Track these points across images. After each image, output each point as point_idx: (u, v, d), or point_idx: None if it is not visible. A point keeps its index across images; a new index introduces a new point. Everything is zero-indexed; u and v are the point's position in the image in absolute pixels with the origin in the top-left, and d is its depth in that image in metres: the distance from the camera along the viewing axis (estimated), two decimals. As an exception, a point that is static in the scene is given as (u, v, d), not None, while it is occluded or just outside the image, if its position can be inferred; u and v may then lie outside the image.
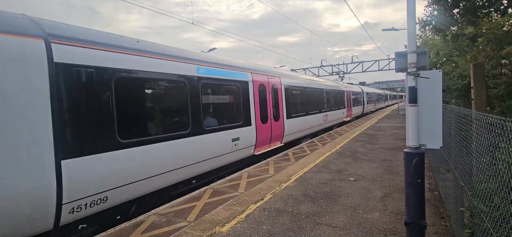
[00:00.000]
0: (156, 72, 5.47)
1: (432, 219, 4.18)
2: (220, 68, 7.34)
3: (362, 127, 17.07)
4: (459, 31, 8.14)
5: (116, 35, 5.25)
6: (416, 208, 3.17)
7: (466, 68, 7.93)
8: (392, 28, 20.34)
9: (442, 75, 3.12)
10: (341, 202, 5.03)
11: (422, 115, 3.12)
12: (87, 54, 4.32)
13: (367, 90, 32.07)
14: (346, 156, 8.80)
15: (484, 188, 2.43)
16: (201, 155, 6.34)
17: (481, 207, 2.38)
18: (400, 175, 6.53)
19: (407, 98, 3.19)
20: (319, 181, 6.28)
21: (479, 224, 2.50)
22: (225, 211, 4.78)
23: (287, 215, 4.53)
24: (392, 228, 4.00)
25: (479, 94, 3.93)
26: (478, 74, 3.95)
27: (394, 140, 11.80)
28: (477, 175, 2.80)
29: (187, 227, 4.23)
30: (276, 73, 10.89)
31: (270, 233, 3.98)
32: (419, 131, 3.12)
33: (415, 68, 3.03)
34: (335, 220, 4.32)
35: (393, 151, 9.46)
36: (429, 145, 3.14)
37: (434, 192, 5.47)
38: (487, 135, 2.36)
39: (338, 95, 18.83)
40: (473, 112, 2.51)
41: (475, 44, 8.20)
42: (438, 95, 3.06)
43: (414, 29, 3.12)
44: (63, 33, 4.18)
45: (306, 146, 10.92)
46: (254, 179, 6.62)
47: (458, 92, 7.98)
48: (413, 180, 3.14)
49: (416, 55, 3.03)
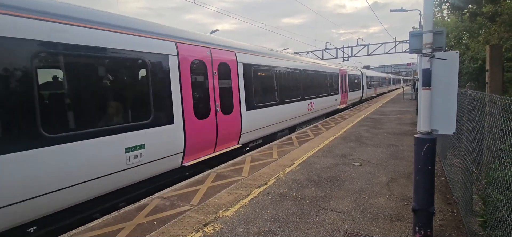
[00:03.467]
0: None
1: (439, 205, 4.11)
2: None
3: (366, 111, 16.87)
4: (478, 9, 7.77)
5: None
6: (425, 195, 3.08)
7: (478, 51, 7.64)
8: (401, 9, 19.68)
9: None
10: (346, 187, 4.97)
11: (436, 99, 2.97)
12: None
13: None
14: (351, 141, 8.70)
15: (500, 175, 2.32)
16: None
17: (497, 195, 2.28)
18: (405, 160, 6.44)
19: (420, 81, 3.03)
20: (323, 166, 6.22)
21: (493, 212, 2.41)
22: (228, 195, 4.75)
23: (291, 200, 4.49)
24: (398, 214, 3.94)
25: (494, 77, 3.75)
26: (495, 57, 3.75)
27: (399, 124, 11.65)
28: (492, 162, 2.68)
29: (190, 211, 4.21)
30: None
31: (274, 217, 3.94)
32: (432, 115, 2.99)
33: (430, 49, 2.86)
34: (340, 205, 4.27)
35: (398, 136, 9.33)
36: (441, 131, 3.02)
37: (440, 177, 5.39)
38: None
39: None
40: (502, 98, 2.35)
41: (493, 25, 7.86)
42: (454, 78, 2.90)
43: (431, 6, 2.92)
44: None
45: (309, 131, 10.81)
46: (258, 163, 6.57)
47: (468, 75, 7.74)
48: (423, 166, 3.04)
49: (432, 35, 2.85)
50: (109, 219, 4.06)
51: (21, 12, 3.64)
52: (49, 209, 3.97)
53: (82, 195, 4.28)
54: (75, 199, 4.23)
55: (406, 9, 19.81)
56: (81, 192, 4.25)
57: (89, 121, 4.38)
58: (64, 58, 4.10)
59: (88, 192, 4.35)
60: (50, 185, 3.84)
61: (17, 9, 3.61)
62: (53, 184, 3.87)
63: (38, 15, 3.80)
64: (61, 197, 3.99)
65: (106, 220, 4.05)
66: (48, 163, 3.80)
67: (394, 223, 3.69)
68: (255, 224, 3.78)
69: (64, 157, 3.96)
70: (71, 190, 4.07)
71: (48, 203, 3.89)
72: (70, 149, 4.02)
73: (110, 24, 4.70)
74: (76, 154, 4.10)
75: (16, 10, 3.59)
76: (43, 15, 3.86)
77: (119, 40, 4.74)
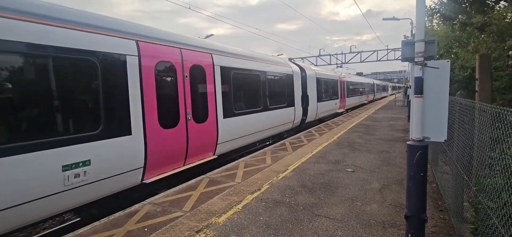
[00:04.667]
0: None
1: (431, 212, 4.15)
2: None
3: (359, 118, 17.04)
4: (467, 19, 7.99)
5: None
6: (417, 201, 3.09)
7: (468, 60, 7.83)
8: (393, 17, 20.09)
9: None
10: (339, 193, 4.98)
11: (428, 106, 3.01)
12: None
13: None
14: (344, 147, 8.75)
15: (491, 183, 2.35)
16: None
17: (488, 203, 2.30)
18: (397, 167, 6.50)
19: (413, 88, 3.07)
20: (317, 172, 6.22)
21: (484, 220, 2.43)
22: (221, 201, 4.69)
23: (285, 206, 4.46)
24: (391, 220, 3.95)
25: (484, 86, 3.83)
26: (484, 66, 3.84)
27: (391, 131, 11.79)
28: (483, 169, 2.72)
29: (182, 217, 4.14)
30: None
31: (268, 224, 3.91)
32: (424, 123, 3.02)
33: (422, 58, 2.90)
34: (333, 211, 4.26)
35: (390, 142, 9.43)
36: (433, 138, 3.04)
37: (432, 184, 5.45)
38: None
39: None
40: (491, 106, 2.40)
41: (482, 35, 8.07)
42: (445, 86, 2.94)
43: (423, 16, 2.97)
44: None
45: (303, 136, 10.84)
46: (251, 169, 6.54)
47: (459, 83, 7.90)
48: (415, 173, 3.05)
49: (424, 43, 2.89)
50: (98, 226, 3.96)
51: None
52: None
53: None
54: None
55: (398, 18, 20.25)
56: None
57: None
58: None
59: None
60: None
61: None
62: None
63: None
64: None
65: (95, 226, 3.95)
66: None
67: (386, 230, 3.70)
68: (248, 231, 3.73)
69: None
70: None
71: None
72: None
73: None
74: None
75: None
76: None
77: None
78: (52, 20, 3.97)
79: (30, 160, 3.64)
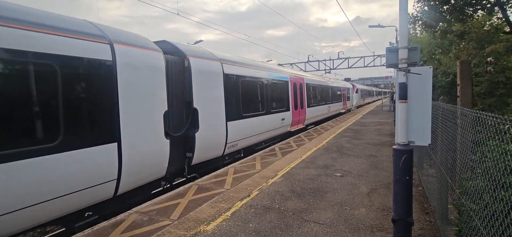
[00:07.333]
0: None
1: (417, 215, 4.22)
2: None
3: (348, 122, 17.30)
4: (448, 27, 8.32)
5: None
6: (403, 205, 3.14)
7: (449, 66, 8.12)
8: (379, 25, 20.65)
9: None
10: (328, 198, 5.00)
11: (412, 111, 3.08)
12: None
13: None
14: (333, 152, 8.84)
15: (472, 185, 2.41)
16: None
17: (470, 205, 2.36)
18: (385, 170, 6.61)
19: (397, 94, 3.14)
20: (306, 177, 6.24)
21: (467, 222, 2.49)
22: (210, 209, 4.63)
23: (274, 212, 4.44)
24: (379, 224, 3.99)
25: (465, 91, 3.97)
26: (464, 72, 3.98)
27: (378, 135, 12.01)
28: (465, 172, 2.80)
29: (170, 226, 4.05)
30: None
31: (257, 231, 3.87)
32: (408, 127, 3.09)
33: (406, 64, 2.98)
34: (322, 216, 4.27)
35: (378, 146, 9.60)
36: (418, 142, 3.12)
37: (418, 187, 5.56)
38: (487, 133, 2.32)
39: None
40: (472, 111, 2.49)
41: (462, 42, 8.41)
42: (428, 92, 3.03)
43: (406, 24, 3.06)
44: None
45: (293, 141, 10.89)
46: (241, 175, 6.49)
47: (441, 89, 8.17)
48: (401, 177, 3.11)
49: (407, 51, 2.98)
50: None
51: None
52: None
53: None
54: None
55: (383, 25, 20.81)
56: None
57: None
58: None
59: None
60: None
61: None
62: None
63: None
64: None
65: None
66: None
67: (374, 234, 3.73)
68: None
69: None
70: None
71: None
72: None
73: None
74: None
75: None
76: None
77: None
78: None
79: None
